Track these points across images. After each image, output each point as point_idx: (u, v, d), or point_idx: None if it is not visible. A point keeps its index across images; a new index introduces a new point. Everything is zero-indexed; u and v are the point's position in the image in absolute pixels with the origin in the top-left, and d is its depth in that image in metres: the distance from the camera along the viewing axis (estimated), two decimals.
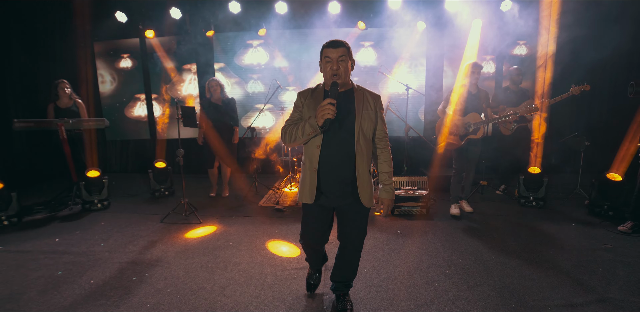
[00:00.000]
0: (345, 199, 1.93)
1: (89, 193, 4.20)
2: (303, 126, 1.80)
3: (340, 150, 1.87)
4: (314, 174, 1.88)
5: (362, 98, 1.92)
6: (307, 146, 1.91)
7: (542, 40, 5.27)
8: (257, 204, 4.38)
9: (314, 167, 1.88)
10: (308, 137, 1.83)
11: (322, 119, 1.70)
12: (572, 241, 3.18)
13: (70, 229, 3.62)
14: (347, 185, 1.90)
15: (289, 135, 1.88)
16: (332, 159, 1.87)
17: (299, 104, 1.97)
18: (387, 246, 3.14)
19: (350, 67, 1.89)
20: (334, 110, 1.69)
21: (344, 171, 1.89)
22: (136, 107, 6.31)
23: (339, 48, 1.81)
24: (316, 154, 1.87)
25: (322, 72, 1.90)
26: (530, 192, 4.20)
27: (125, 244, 3.25)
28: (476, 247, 3.09)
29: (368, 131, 1.90)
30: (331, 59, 1.82)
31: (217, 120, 4.38)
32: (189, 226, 3.69)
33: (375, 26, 5.58)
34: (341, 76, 1.83)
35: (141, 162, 6.28)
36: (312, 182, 1.89)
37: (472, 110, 3.64)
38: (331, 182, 1.90)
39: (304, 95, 1.97)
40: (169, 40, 5.97)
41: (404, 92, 4.62)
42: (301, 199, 1.95)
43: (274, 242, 3.27)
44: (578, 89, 3.56)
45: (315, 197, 1.91)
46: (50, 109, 4.26)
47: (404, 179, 4.04)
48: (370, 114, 1.91)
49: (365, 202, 1.91)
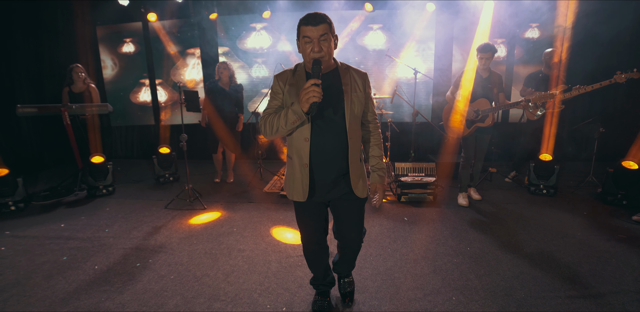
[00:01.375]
0: (339, 191, 1.76)
1: (94, 179, 4.19)
2: (286, 114, 1.56)
3: (332, 140, 1.67)
4: (305, 170, 1.69)
5: (349, 78, 1.70)
6: (294, 139, 1.69)
7: (560, 22, 5.02)
8: (262, 190, 4.35)
9: (305, 162, 1.68)
10: (292, 126, 1.59)
11: (307, 104, 1.47)
12: (584, 231, 3.10)
13: (76, 215, 3.62)
14: (340, 177, 1.73)
15: (269, 127, 1.63)
16: (324, 151, 1.67)
17: (277, 90, 1.70)
18: (394, 233, 3.09)
19: (334, 45, 1.63)
20: (320, 93, 1.45)
21: (338, 162, 1.70)
22: (141, 93, 6.24)
23: (319, 25, 1.52)
24: (305, 148, 1.66)
25: (300, 52, 1.63)
26: (540, 179, 4.09)
27: (130, 230, 3.24)
28: (485, 236, 3.03)
29: (358, 115, 1.72)
30: (311, 38, 1.54)
31: (223, 106, 4.29)
32: (193, 212, 3.67)
33: (383, 8, 5.37)
34: (325, 58, 1.58)
35: (146, 148, 6.27)
36: (304, 179, 1.71)
37: (482, 96, 3.48)
38: (324, 177, 1.72)
39: (283, 78, 1.70)
40: (171, 23, 5.83)
41: (412, 76, 4.46)
42: (292, 197, 1.78)
43: (278, 228, 3.24)
44: (623, 76, 3.16)
45: (308, 194, 1.73)
46: (65, 93, 4.27)
47: (411, 166, 3.96)
48: (360, 96, 1.70)
49: (359, 192, 1.76)
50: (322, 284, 2.10)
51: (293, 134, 1.69)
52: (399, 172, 3.95)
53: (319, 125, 1.65)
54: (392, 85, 5.50)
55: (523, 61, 5.49)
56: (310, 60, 1.57)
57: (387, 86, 5.60)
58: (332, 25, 1.60)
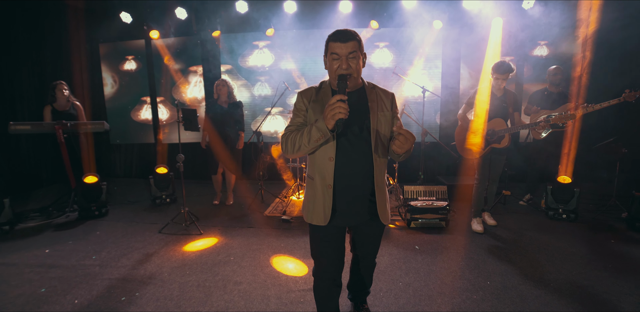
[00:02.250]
0: (363, 217, 1.65)
1: (86, 200, 3.98)
2: (309, 131, 1.47)
3: (358, 161, 1.58)
4: (328, 192, 1.58)
5: (375, 98, 1.63)
6: (317, 158, 1.60)
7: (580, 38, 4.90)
8: (263, 214, 4.10)
9: (329, 183, 1.57)
10: (316, 145, 1.49)
11: (332, 120, 1.37)
12: (615, 262, 2.82)
13: (63, 239, 3.39)
14: (366, 201, 1.63)
15: (291, 144, 1.54)
16: (350, 173, 1.58)
17: (301, 107, 1.63)
18: (405, 264, 2.82)
19: (362, 64, 1.58)
20: (347, 109, 1.36)
21: (363, 184, 1.61)
22: (143, 110, 6.13)
23: (348, 42, 1.49)
24: (330, 168, 1.56)
25: (327, 69, 1.58)
26: (559, 203, 3.83)
27: (119, 257, 2.99)
28: (505, 268, 2.75)
29: (385, 137, 1.61)
30: (339, 56, 1.50)
31: (222, 125, 4.15)
32: (189, 238, 3.43)
33: (389, 26, 5.30)
34: (352, 75, 1.52)
35: (145, 167, 6.08)
36: (326, 201, 1.59)
37: (497, 116, 3.29)
38: (348, 200, 1.61)
39: (307, 95, 1.63)
40: (174, 41, 5.79)
41: (419, 95, 4.32)
42: (311, 221, 1.66)
43: (279, 257, 2.98)
44: (633, 95, 3.03)
45: (330, 218, 1.61)
46: (47, 111, 4.09)
47: (421, 189, 3.72)
48: (387, 115, 1.62)
49: (383, 219, 1.66)
50: None
51: (316, 153, 1.59)
52: (408, 196, 3.71)
53: (345, 144, 1.56)
54: (400, 104, 5.35)
55: (532, 79, 5.35)
56: (336, 76, 1.51)
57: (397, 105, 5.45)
58: (361, 42, 1.55)
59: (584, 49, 4.82)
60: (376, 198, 1.63)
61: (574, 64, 5.14)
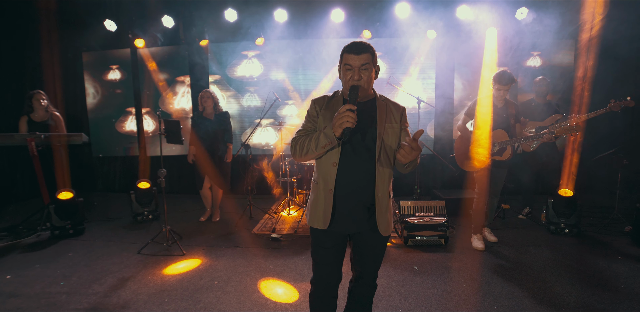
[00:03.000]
0: (361, 226, 1.65)
1: (59, 218, 3.69)
2: (317, 137, 1.52)
3: (360, 169, 1.61)
4: (329, 196, 1.61)
5: (385, 110, 1.66)
6: (322, 163, 1.65)
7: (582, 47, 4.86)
8: (251, 232, 3.85)
9: (330, 188, 1.61)
10: (323, 150, 1.54)
11: (340, 129, 1.41)
12: (627, 281, 2.65)
13: (30, 262, 3.09)
14: (365, 210, 1.63)
15: (299, 148, 1.59)
16: (351, 179, 1.61)
17: (313, 113, 1.69)
18: (404, 287, 2.61)
19: (374, 76, 1.62)
20: (354, 118, 1.39)
21: (364, 193, 1.62)
22: (128, 122, 5.88)
23: (362, 54, 1.54)
24: (332, 173, 1.60)
25: (340, 79, 1.64)
26: (561, 217, 3.68)
27: (90, 283, 2.72)
28: (511, 290, 2.55)
29: (390, 148, 1.63)
30: (352, 67, 1.55)
31: (209, 137, 3.95)
32: (170, 259, 3.16)
33: (382, 36, 5.20)
34: (363, 86, 1.56)
35: (129, 181, 5.79)
36: (327, 205, 1.61)
37: (498, 127, 3.15)
38: (348, 206, 1.62)
39: (319, 103, 1.69)
40: (161, 50, 5.61)
41: (414, 105, 4.18)
42: (312, 224, 1.68)
43: (267, 281, 2.73)
44: (618, 104, 3.08)
45: (329, 222, 1.62)
46: (22, 122, 3.85)
47: (418, 204, 3.53)
48: (395, 127, 1.64)
49: (382, 230, 1.65)
50: None
51: (322, 158, 1.64)
52: (405, 212, 3.51)
53: (349, 151, 1.61)
54: None
55: (526, 90, 5.28)
56: (348, 87, 1.56)
57: None
58: (375, 55, 1.60)
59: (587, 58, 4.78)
60: (376, 207, 1.61)
61: (569, 74, 5.10)
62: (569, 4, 4.61)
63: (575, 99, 3.82)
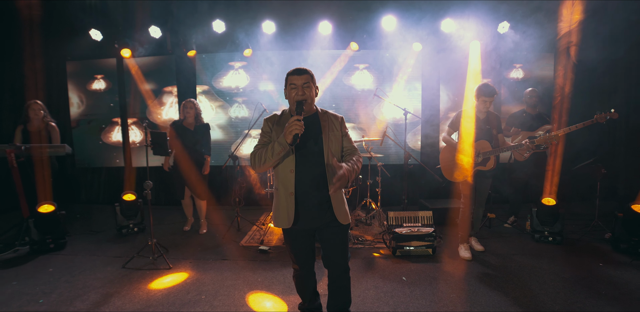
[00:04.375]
0: (323, 220, 1.94)
1: (39, 232, 3.58)
2: (272, 146, 1.82)
3: (313, 172, 1.90)
4: (290, 198, 1.90)
5: (327, 121, 1.98)
6: (280, 171, 1.93)
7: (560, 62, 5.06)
8: (239, 244, 3.81)
9: (290, 191, 1.89)
10: (278, 157, 1.83)
11: (290, 135, 1.72)
12: (608, 288, 2.71)
13: (7, 279, 2.98)
14: (323, 205, 1.92)
15: (257, 159, 1.88)
16: (307, 181, 1.90)
17: (267, 130, 1.99)
18: (393, 298, 2.61)
19: (314, 94, 1.95)
20: (301, 126, 1.71)
21: (319, 191, 1.90)
22: (114, 132, 5.79)
23: (303, 75, 1.88)
24: (291, 178, 1.89)
25: (287, 99, 1.95)
26: (544, 225, 3.77)
27: (72, 300, 2.63)
28: (499, 298, 2.58)
29: (336, 152, 1.96)
30: (296, 85, 1.87)
31: (188, 147, 3.92)
32: (156, 273, 3.09)
33: (369, 48, 5.31)
34: (307, 101, 1.87)
35: (114, 192, 5.66)
36: (289, 207, 1.90)
37: (481, 138, 3.23)
38: (308, 205, 1.91)
39: (272, 120, 2.00)
40: (147, 60, 5.58)
41: (400, 116, 4.25)
42: (277, 225, 1.97)
43: (256, 294, 2.70)
44: (603, 116, 3.13)
45: (293, 221, 1.91)
46: (18, 132, 3.87)
47: (405, 215, 3.56)
48: (337, 134, 1.97)
49: (341, 219, 1.95)
50: (308, 309, 2.23)
51: (279, 167, 1.93)
52: (393, 222, 3.54)
53: (302, 159, 1.90)
54: (381, 126, 5.29)
55: (509, 101, 5.44)
56: (294, 102, 1.87)
57: (376, 127, 5.37)
58: (313, 77, 1.94)
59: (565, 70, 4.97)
60: (332, 202, 1.92)
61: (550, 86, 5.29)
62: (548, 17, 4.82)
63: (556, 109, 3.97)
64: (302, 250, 2.04)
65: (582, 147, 4.63)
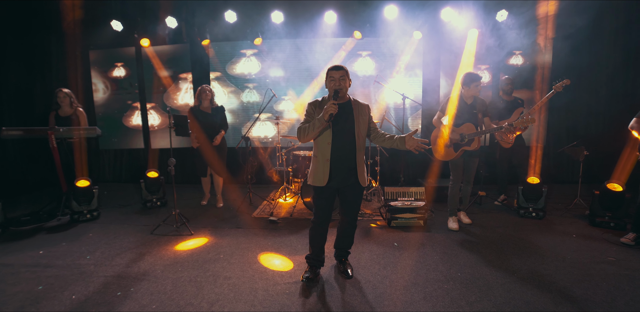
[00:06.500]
0: (349, 181, 2.53)
1: (78, 203, 4.10)
2: (314, 123, 2.38)
3: (345, 146, 2.49)
4: (326, 164, 2.48)
5: (357, 108, 2.55)
6: (320, 143, 2.50)
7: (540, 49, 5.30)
8: (251, 215, 4.28)
9: (327, 158, 2.47)
10: (318, 131, 2.40)
11: (327, 114, 2.28)
12: (573, 254, 3.09)
13: (56, 241, 3.50)
14: (350, 170, 2.51)
15: (303, 131, 2.44)
16: (340, 152, 2.48)
17: (311, 112, 2.53)
18: (384, 259, 3.04)
19: (348, 85, 2.49)
20: (336, 107, 2.28)
21: (348, 160, 2.50)
22: (134, 116, 6.25)
23: (340, 71, 2.44)
24: (328, 149, 2.47)
25: (327, 88, 2.50)
26: (529, 202, 4.12)
27: (113, 257, 3.13)
28: (475, 261, 2.99)
29: (363, 132, 2.56)
30: (334, 78, 2.43)
31: (208, 128, 4.33)
32: (180, 238, 3.58)
33: (371, 36, 5.58)
34: (342, 90, 2.43)
35: (135, 172, 6.20)
36: (325, 170, 2.48)
37: (467, 121, 3.57)
38: (339, 169, 2.50)
39: (314, 104, 2.55)
40: (164, 49, 5.96)
41: (401, 102, 4.57)
42: (314, 183, 2.53)
43: (266, 255, 3.16)
44: (560, 85, 3.64)
45: (327, 181, 2.48)
46: (52, 117, 4.24)
47: (400, 190, 3.96)
48: (364, 119, 2.56)
49: (362, 182, 2.55)
50: (315, 260, 2.72)
51: (318, 139, 2.51)
52: (389, 197, 3.94)
53: (338, 135, 2.48)
54: (382, 110, 5.63)
55: None
56: (332, 90, 2.43)
57: (377, 111, 5.71)
58: (348, 72, 2.48)
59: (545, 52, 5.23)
60: (357, 169, 2.52)
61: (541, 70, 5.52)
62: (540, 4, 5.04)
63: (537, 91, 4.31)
64: (325, 206, 2.57)
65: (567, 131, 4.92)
